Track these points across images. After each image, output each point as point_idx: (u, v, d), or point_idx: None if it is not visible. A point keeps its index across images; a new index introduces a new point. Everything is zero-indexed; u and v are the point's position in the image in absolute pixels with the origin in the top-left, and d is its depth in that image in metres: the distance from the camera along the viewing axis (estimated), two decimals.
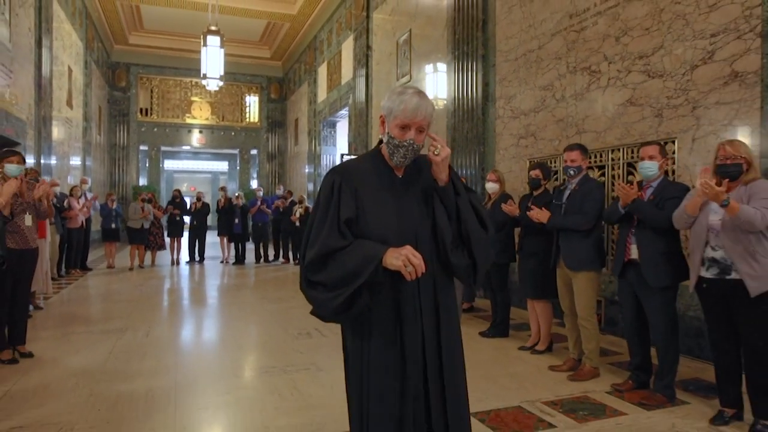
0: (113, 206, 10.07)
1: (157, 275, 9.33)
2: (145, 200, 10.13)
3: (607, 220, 3.58)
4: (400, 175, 1.76)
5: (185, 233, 11.40)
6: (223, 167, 24.72)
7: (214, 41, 12.90)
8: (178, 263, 10.82)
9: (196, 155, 23.84)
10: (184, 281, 8.92)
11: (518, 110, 6.33)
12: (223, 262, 11.22)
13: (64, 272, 8.67)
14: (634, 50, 4.72)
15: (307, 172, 15.34)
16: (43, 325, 5.23)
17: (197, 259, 11.19)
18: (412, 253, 1.56)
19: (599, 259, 3.72)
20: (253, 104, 19.51)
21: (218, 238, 11.45)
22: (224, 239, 11.27)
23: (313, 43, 15.19)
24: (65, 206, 8.35)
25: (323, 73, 14.26)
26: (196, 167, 26.03)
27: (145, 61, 17.57)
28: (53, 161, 9.71)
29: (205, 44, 12.94)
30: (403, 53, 9.29)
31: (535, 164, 4.60)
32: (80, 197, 8.95)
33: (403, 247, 1.58)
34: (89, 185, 10.29)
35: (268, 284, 8.56)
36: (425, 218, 1.72)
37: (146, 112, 18.28)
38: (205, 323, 5.79)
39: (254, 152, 19.57)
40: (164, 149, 19.37)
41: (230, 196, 11.68)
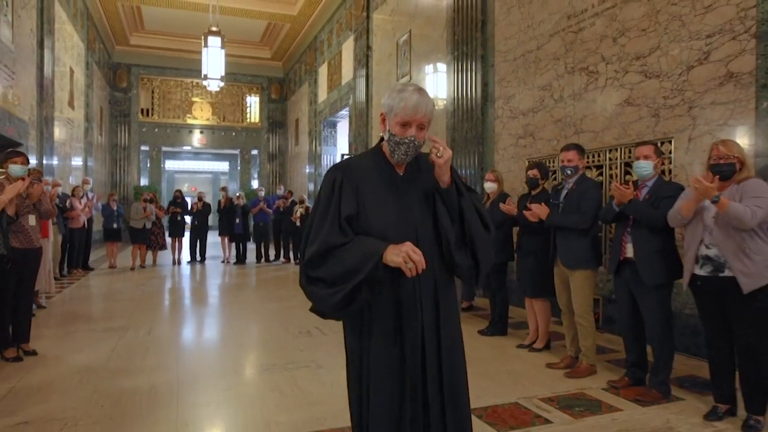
0: (115, 206, 10.14)
1: (158, 275, 9.38)
2: (147, 200, 10.19)
3: (602, 219, 3.62)
4: (401, 172, 1.76)
5: (186, 233, 11.46)
6: (223, 167, 24.77)
7: (214, 42, 12.94)
8: (179, 263, 10.88)
9: (196, 155, 23.90)
10: (185, 281, 8.97)
11: (517, 110, 6.37)
12: (224, 261, 11.27)
13: (66, 272, 8.72)
14: (631, 51, 4.76)
15: (307, 172, 15.38)
16: (46, 323, 5.28)
17: (198, 258, 11.25)
18: (412, 249, 1.55)
19: (596, 257, 3.76)
20: (253, 104, 19.55)
21: (219, 238, 11.52)
22: (225, 239, 11.33)
23: (313, 43, 15.23)
24: (67, 206, 8.41)
25: (324, 73, 14.30)
26: (196, 167, 26.09)
27: (146, 61, 17.62)
28: (55, 162, 9.76)
29: (205, 45, 12.98)
30: (403, 53, 9.33)
31: (532, 164, 4.64)
32: (82, 197, 9.01)
33: (403, 243, 1.57)
34: (91, 185, 10.34)
35: (268, 284, 8.61)
36: (426, 216, 1.71)
37: (147, 112, 18.33)
38: (206, 322, 5.84)
39: (255, 152, 19.62)
40: (165, 149, 19.43)
41: (231, 196, 11.73)
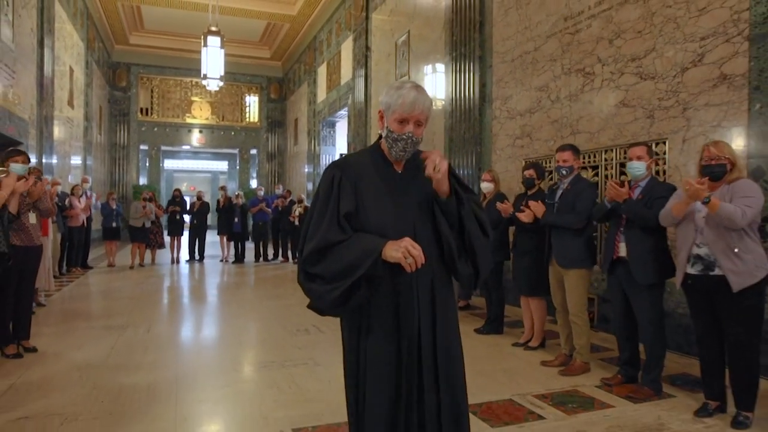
0: (114, 205, 10.18)
1: (157, 273, 9.41)
2: (146, 199, 10.23)
3: (594, 217, 3.66)
4: (399, 170, 1.77)
5: (185, 232, 11.50)
6: (222, 167, 24.82)
7: (214, 42, 12.99)
8: (178, 262, 10.91)
9: (196, 155, 23.94)
10: (184, 279, 9.00)
11: (514, 111, 6.41)
12: (222, 260, 11.31)
13: (65, 270, 8.76)
14: (626, 52, 4.81)
15: (306, 171, 15.43)
16: (45, 321, 5.31)
17: (197, 257, 11.28)
18: (411, 244, 1.57)
19: (590, 257, 3.81)
20: (252, 104, 19.60)
21: (218, 237, 11.56)
22: (224, 238, 11.37)
23: (312, 43, 15.27)
24: (66, 205, 8.44)
25: (323, 73, 14.34)
26: (195, 167, 26.14)
27: (145, 61, 17.67)
28: (54, 160, 9.80)
29: (205, 45, 13.03)
30: (401, 54, 9.37)
31: (529, 164, 4.68)
32: (81, 196, 9.04)
33: (402, 239, 1.59)
34: (90, 184, 10.38)
35: (267, 282, 8.65)
36: (424, 213, 1.72)
37: (146, 111, 18.37)
38: (205, 320, 5.87)
39: (254, 152, 19.67)
40: (164, 149, 19.47)
41: (230, 195, 11.77)
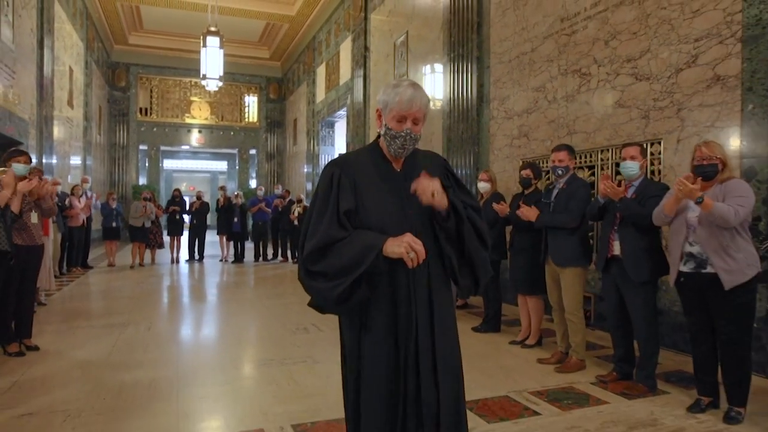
0: (114, 205, 10.22)
1: (157, 273, 9.45)
2: (146, 199, 10.28)
3: (588, 215, 3.71)
4: (398, 168, 1.79)
5: (185, 232, 11.53)
6: (222, 167, 24.84)
7: (213, 42, 13.02)
8: (177, 262, 10.95)
9: (195, 155, 23.95)
10: (184, 279, 9.04)
11: (512, 111, 6.46)
12: (222, 260, 11.35)
13: (65, 270, 8.80)
14: (622, 53, 4.86)
15: (305, 171, 15.46)
16: (47, 320, 5.35)
17: (197, 257, 11.32)
18: (413, 239, 1.60)
19: (586, 255, 3.85)
20: (252, 104, 19.63)
21: (218, 236, 11.60)
22: (223, 238, 11.41)
23: (311, 43, 15.31)
24: (67, 205, 8.48)
25: (322, 73, 14.38)
26: (195, 167, 26.16)
27: (144, 61, 17.69)
28: (54, 160, 9.83)
29: (204, 45, 13.06)
30: (400, 54, 9.42)
31: (526, 164, 4.73)
32: (81, 196, 9.08)
33: (403, 234, 1.62)
34: (90, 184, 10.42)
35: (266, 282, 8.69)
36: (422, 211, 1.73)
37: (146, 111, 18.40)
38: (205, 319, 5.92)
39: (253, 152, 19.70)
40: (163, 149, 19.50)
41: (229, 195, 11.81)
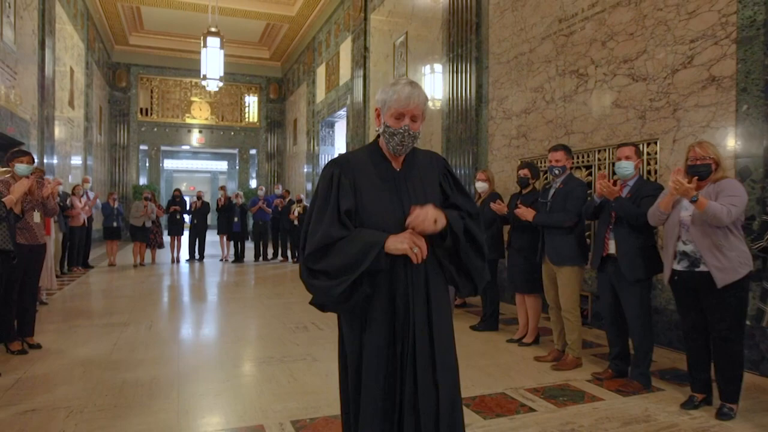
0: (115, 205, 10.27)
1: (157, 273, 9.50)
2: (147, 198, 10.33)
3: (584, 213, 3.75)
4: (397, 168, 1.80)
5: (185, 232, 11.57)
6: (222, 167, 24.90)
7: (213, 42, 13.05)
8: (178, 261, 10.99)
9: (195, 155, 24.04)
10: (184, 278, 9.09)
11: (510, 111, 6.50)
12: (222, 260, 11.39)
13: (66, 270, 8.84)
14: (619, 54, 4.90)
15: (305, 171, 15.51)
16: (48, 319, 5.40)
17: (197, 257, 11.37)
18: (415, 236, 1.63)
19: (582, 254, 3.89)
20: (252, 104, 19.68)
21: (218, 236, 11.64)
22: (224, 238, 11.45)
23: (311, 44, 15.35)
24: (68, 205, 8.53)
25: (322, 73, 14.42)
26: (195, 167, 26.21)
27: (145, 61, 17.74)
28: (55, 161, 9.88)
29: (204, 46, 13.09)
30: (399, 55, 9.46)
31: (523, 164, 4.77)
32: (82, 196, 9.13)
33: (404, 232, 1.64)
34: (90, 184, 10.46)
35: (266, 281, 8.73)
36: None
37: (146, 112, 18.45)
38: (205, 318, 5.96)
39: (253, 152, 19.74)
40: (164, 149, 19.55)
41: (229, 195, 11.86)
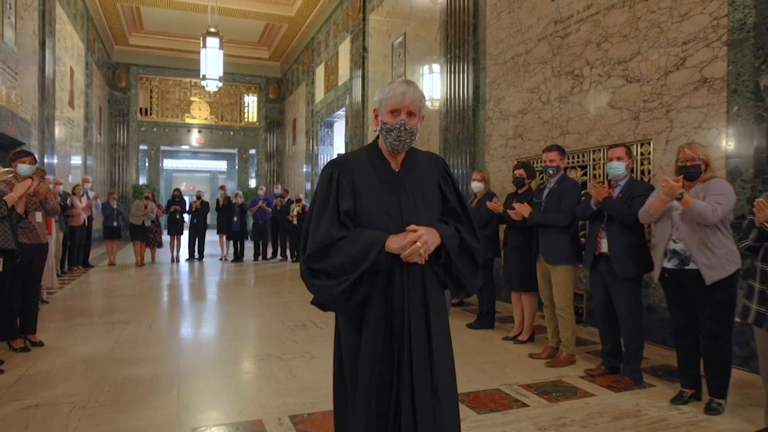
0: (115, 205, 10.34)
1: (157, 272, 9.55)
2: (148, 198, 10.39)
3: (579, 215, 3.81)
4: (396, 168, 1.80)
5: (185, 231, 11.64)
6: (221, 166, 24.95)
7: (213, 43, 13.09)
8: (177, 261, 11.05)
9: (195, 155, 24.08)
10: (184, 278, 9.14)
11: (507, 112, 6.57)
12: (222, 259, 11.45)
13: (66, 269, 8.90)
14: (613, 56, 4.97)
15: (304, 171, 15.57)
16: (49, 317, 5.45)
17: (197, 256, 11.42)
18: (418, 234, 1.66)
19: (576, 253, 3.95)
20: (251, 104, 19.73)
21: (217, 236, 11.70)
22: (223, 237, 11.51)
23: (310, 44, 15.41)
24: (68, 204, 8.58)
25: (321, 73, 14.48)
26: (195, 166, 26.26)
27: (144, 61, 17.79)
28: (55, 160, 9.94)
29: (204, 46, 13.14)
30: (397, 55, 9.52)
31: (519, 164, 4.84)
32: (82, 196, 9.19)
33: (405, 231, 1.67)
34: (90, 184, 10.52)
35: (266, 280, 8.79)
36: (420, 210, 1.76)
37: (146, 111, 18.50)
38: (205, 316, 6.02)
39: (252, 152, 19.80)
40: (163, 149, 19.60)
41: (229, 195, 11.91)
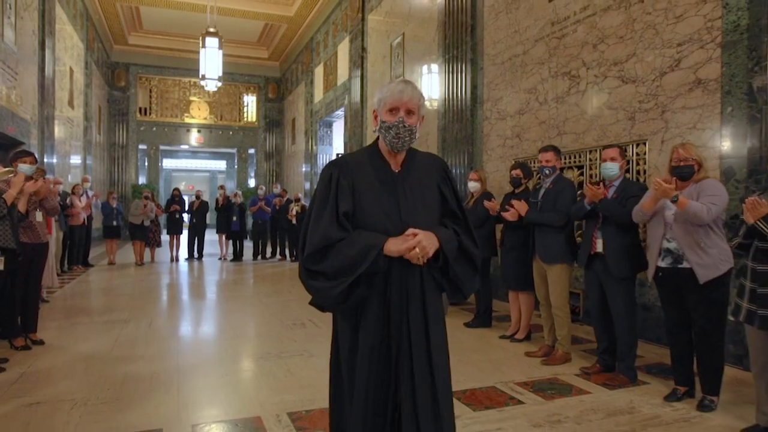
0: (114, 204, 10.37)
1: (156, 271, 9.59)
2: (147, 197, 10.43)
3: (573, 215, 3.85)
4: (396, 169, 1.80)
5: (184, 231, 11.67)
6: (221, 166, 24.97)
7: (212, 43, 13.11)
8: (177, 260, 11.08)
9: (194, 154, 24.08)
10: (183, 277, 9.18)
11: (504, 112, 6.61)
12: (221, 258, 11.49)
13: (66, 268, 8.93)
14: (609, 57, 5.01)
15: (303, 170, 15.60)
16: (50, 316, 5.48)
17: (196, 256, 11.46)
18: (416, 240, 1.67)
19: (571, 252, 3.99)
20: (250, 104, 19.75)
21: (217, 235, 11.73)
22: (223, 237, 11.54)
23: (309, 44, 15.44)
24: (68, 204, 8.62)
25: (320, 73, 14.51)
26: (194, 166, 26.27)
27: (144, 61, 17.82)
28: (55, 160, 9.96)
29: (203, 46, 13.15)
30: (396, 55, 9.56)
31: (516, 164, 4.88)
32: (82, 195, 9.22)
33: (404, 234, 1.67)
34: (90, 183, 10.55)
35: (265, 279, 8.83)
36: (420, 212, 1.77)
37: (145, 111, 18.53)
38: (204, 315, 6.06)
39: (252, 151, 19.84)
40: (163, 148, 19.63)
41: (228, 194, 11.94)
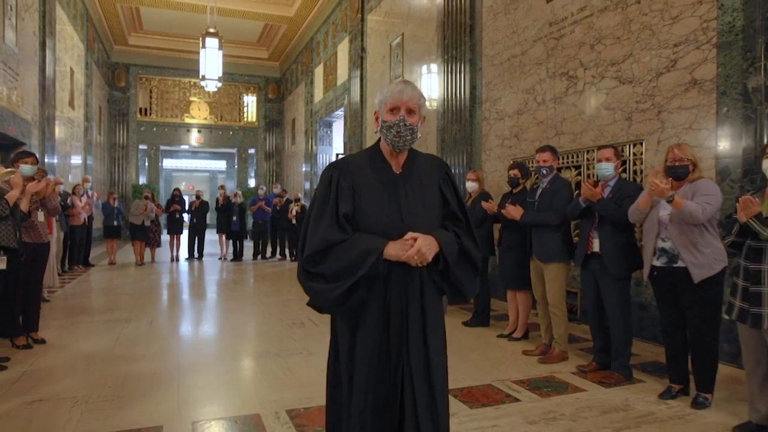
0: (115, 204, 10.41)
1: (157, 271, 9.62)
2: (147, 198, 10.46)
3: (570, 215, 3.88)
4: (397, 171, 1.80)
5: (185, 231, 11.71)
6: (221, 166, 25.01)
7: (212, 43, 13.14)
8: (177, 260, 11.12)
9: (194, 154, 24.13)
10: (184, 277, 9.21)
11: (503, 112, 6.64)
12: (221, 258, 11.52)
13: (67, 268, 8.97)
14: (606, 57, 5.04)
15: (304, 171, 15.64)
16: (51, 315, 5.52)
17: (196, 255, 11.49)
18: (417, 240, 1.66)
19: (568, 251, 4.03)
20: (250, 104, 19.79)
21: (217, 235, 11.77)
22: (223, 236, 11.58)
23: (309, 44, 15.48)
24: (68, 204, 8.65)
25: (319, 74, 14.55)
26: (194, 166, 26.31)
27: (144, 61, 17.85)
28: (55, 160, 9.99)
29: (203, 46, 13.18)
30: (395, 56, 9.59)
31: (514, 164, 4.91)
32: (82, 195, 9.25)
33: (404, 237, 1.67)
34: (90, 184, 10.59)
35: (265, 279, 8.86)
36: (420, 213, 1.76)
37: (145, 111, 18.56)
38: (204, 314, 6.09)
39: (252, 151, 19.87)
40: (163, 148, 19.66)
41: (228, 194, 11.97)
